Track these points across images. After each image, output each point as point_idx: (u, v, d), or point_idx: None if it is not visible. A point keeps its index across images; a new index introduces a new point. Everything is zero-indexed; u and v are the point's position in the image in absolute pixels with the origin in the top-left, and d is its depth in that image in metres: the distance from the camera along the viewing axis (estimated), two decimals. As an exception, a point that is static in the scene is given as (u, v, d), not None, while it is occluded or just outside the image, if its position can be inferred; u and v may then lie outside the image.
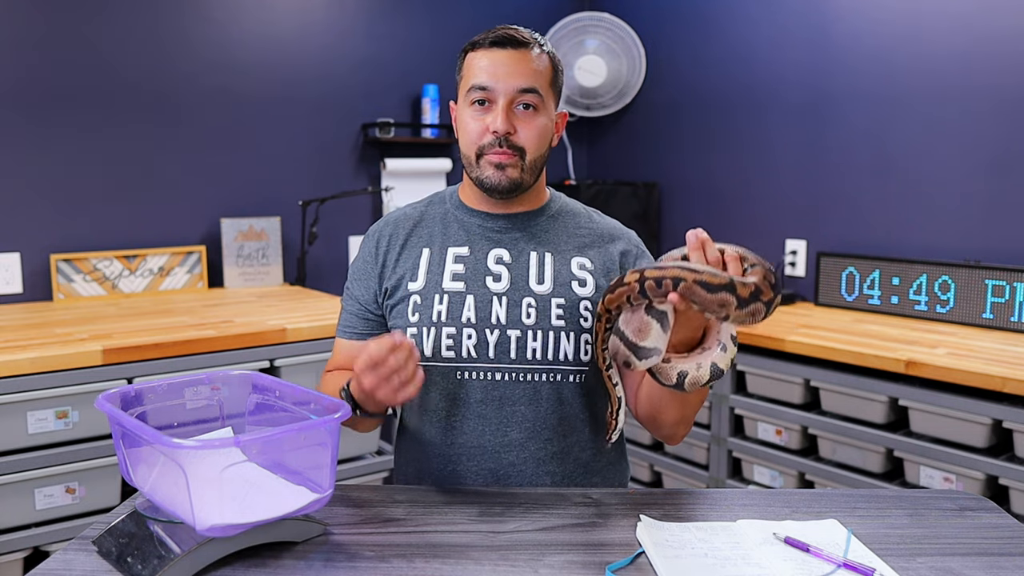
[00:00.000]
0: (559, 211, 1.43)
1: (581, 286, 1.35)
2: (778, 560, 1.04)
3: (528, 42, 1.33)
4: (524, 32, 1.34)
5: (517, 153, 1.32)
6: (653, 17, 3.53)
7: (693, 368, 1.18)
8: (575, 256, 1.38)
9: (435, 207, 1.45)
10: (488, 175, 1.33)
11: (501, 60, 1.31)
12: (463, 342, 1.32)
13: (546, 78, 1.34)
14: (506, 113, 1.30)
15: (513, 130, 1.31)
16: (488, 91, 1.31)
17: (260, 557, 1.05)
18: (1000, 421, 2.08)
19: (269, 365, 2.33)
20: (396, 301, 1.38)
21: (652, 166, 3.59)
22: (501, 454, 1.33)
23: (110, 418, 1.09)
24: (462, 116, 1.35)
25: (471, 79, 1.33)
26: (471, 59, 1.34)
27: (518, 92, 1.31)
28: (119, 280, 2.82)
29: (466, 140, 1.34)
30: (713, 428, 2.73)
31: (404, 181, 3.35)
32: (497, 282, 1.35)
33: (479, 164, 1.34)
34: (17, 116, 2.63)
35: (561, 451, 1.36)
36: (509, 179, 1.32)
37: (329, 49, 3.19)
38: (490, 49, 1.32)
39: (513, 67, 1.31)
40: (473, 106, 1.33)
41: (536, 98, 1.32)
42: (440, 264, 1.37)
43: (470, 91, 1.32)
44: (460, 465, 1.35)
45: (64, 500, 2.07)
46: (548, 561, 1.05)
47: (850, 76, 2.88)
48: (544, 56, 1.35)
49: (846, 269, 2.86)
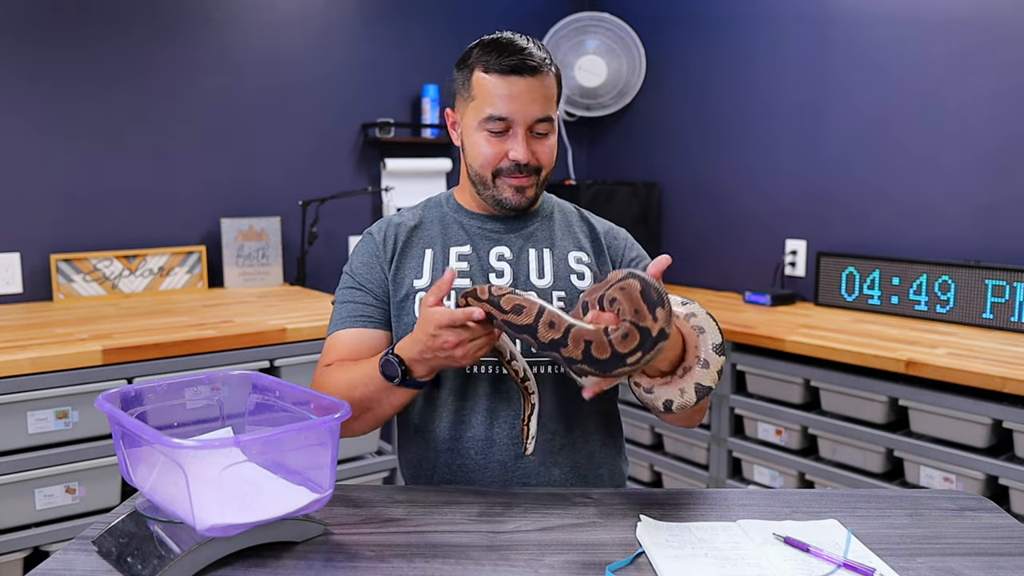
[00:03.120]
0: (552, 211, 1.48)
1: (580, 279, 1.40)
2: (778, 560, 1.04)
3: (541, 68, 1.33)
4: (536, 55, 1.33)
5: (535, 174, 1.37)
6: (653, 17, 3.53)
7: (677, 395, 1.16)
8: (572, 251, 1.43)
9: (432, 211, 1.47)
10: (507, 196, 1.37)
11: (519, 91, 1.32)
12: None
13: (555, 100, 1.38)
14: (526, 142, 1.33)
15: (532, 158, 1.35)
16: (506, 122, 1.33)
17: (260, 557, 1.05)
18: (1000, 421, 2.08)
19: (269, 365, 2.33)
20: (402, 298, 1.39)
21: (652, 166, 3.59)
22: (510, 447, 1.35)
23: (110, 418, 1.09)
24: (474, 137, 1.36)
25: (487, 107, 1.32)
26: (484, 82, 1.33)
27: (536, 121, 1.34)
28: (119, 280, 2.82)
29: (481, 162, 1.36)
30: (713, 428, 2.73)
31: (404, 181, 3.35)
32: (500, 277, 1.38)
33: (496, 185, 1.37)
34: (17, 115, 2.63)
35: (569, 443, 1.37)
36: (528, 199, 1.38)
37: (329, 49, 3.19)
38: (507, 77, 1.31)
39: (530, 96, 1.32)
40: (487, 132, 1.34)
41: (550, 125, 1.36)
42: (444, 262, 1.39)
43: (487, 120, 1.33)
44: (468, 459, 1.35)
45: (64, 500, 2.07)
46: (548, 561, 1.05)
47: (850, 76, 2.88)
48: (552, 77, 1.36)
49: (846, 269, 2.86)
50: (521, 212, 1.41)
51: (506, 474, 1.35)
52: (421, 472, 1.41)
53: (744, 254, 3.25)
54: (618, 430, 1.48)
